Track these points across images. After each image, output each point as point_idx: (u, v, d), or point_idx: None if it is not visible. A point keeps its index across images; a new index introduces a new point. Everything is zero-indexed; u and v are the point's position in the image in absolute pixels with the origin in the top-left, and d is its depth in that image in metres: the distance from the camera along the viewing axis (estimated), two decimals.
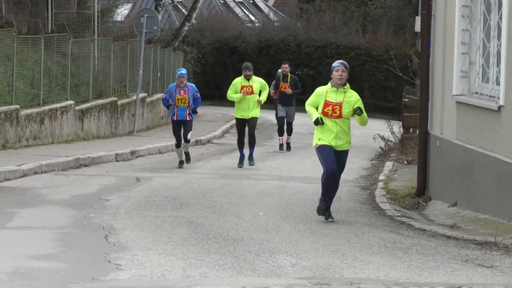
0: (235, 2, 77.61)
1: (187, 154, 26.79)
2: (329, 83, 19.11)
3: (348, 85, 19.46)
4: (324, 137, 18.62)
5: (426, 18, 21.72)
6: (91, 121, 39.25)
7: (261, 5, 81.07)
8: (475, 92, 19.90)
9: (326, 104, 18.27)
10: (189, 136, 25.29)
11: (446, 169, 20.96)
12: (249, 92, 26.21)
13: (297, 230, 17.32)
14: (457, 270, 13.53)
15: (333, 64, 19.21)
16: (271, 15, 78.30)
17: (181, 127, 25.65)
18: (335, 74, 18.60)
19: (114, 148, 33.14)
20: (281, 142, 31.25)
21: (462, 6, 20.23)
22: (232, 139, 42.99)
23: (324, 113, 18.34)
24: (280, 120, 31.40)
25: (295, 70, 43.53)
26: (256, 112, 26.77)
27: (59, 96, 36.86)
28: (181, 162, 26.80)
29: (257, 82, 26.33)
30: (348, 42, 59.80)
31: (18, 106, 32.59)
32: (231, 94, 27.37)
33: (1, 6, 46.99)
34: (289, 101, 31.44)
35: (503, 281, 12.57)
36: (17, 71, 33.71)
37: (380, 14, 63.82)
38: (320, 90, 18.99)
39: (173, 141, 37.67)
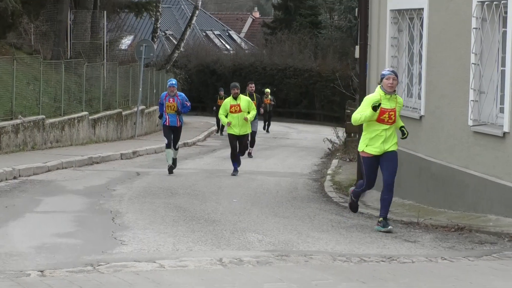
0: (214, 34, 77.43)
1: (174, 160, 25.01)
2: (377, 91, 15.93)
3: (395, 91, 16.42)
4: (372, 143, 15.68)
5: (363, 47, 21.70)
6: (101, 128, 39.16)
7: (235, 36, 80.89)
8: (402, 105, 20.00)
9: (382, 111, 15.30)
10: (177, 145, 23.91)
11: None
12: (237, 110, 24.44)
13: (263, 213, 17.32)
14: (388, 244, 13.60)
15: (383, 72, 16.23)
16: (243, 45, 78.13)
17: (172, 132, 24.19)
18: (385, 82, 15.60)
19: (119, 149, 33.05)
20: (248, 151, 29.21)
21: (391, 37, 20.28)
22: (212, 142, 42.89)
23: (380, 120, 15.45)
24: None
25: (261, 87, 43.15)
26: (246, 129, 24.97)
27: (76, 108, 36.77)
28: (170, 168, 24.70)
29: (244, 100, 24.72)
30: (303, 65, 59.70)
31: (44, 116, 32.46)
32: (222, 115, 25.17)
33: (31, 37, 46.86)
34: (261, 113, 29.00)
35: (424, 252, 12.65)
36: (43, 89, 33.56)
37: (328, 43, 63.78)
38: (372, 97, 15.73)
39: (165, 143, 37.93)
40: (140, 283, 9.45)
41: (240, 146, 24.95)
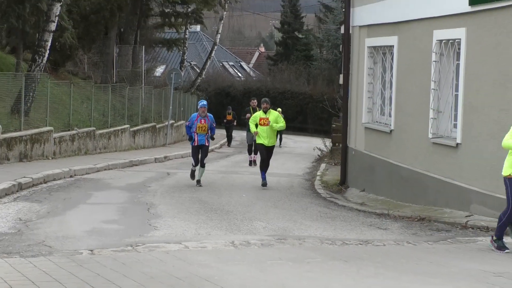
0: (228, 64, 77.38)
1: (198, 181, 20.63)
2: None
3: None
4: None
5: (346, 76, 21.66)
6: (139, 137, 39.13)
7: (245, 66, 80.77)
8: (376, 121, 19.93)
9: None
10: (205, 161, 20.61)
11: (358, 168, 20.94)
12: (266, 123, 20.85)
13: (266, 205, 17.27)
14: (365, 231, 13.58)
15: None
16: (251, 73, 78.05)
17: (199, 151, 20.70)
18: None
19: (154, 154, 33.00)
20: (250, 159, 26.63)
21: (368, 68, 20.25)
22: (226, 149, 42.77)
23: None
24: (250, 142, 26.76)
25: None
26: (273, 141, 21.74)
27: (120, 122, 36.72)
28: (198, 182, 20.55)
29: (273, 114, 21.37)
30: (298, 90, 59.50)
31: (94, 128, 32.47)
32: (252, 124, 21.35)
33: (85, 66, 46.96)
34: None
35: (393, 237, 12.64)
36: (94, 106, 33.55)
37: (318, 72, 63.68)
38: None
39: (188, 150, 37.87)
40: (169, 260, 9.45)
41: (267, 155, 21.28)
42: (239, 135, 44.46)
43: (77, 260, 9.35)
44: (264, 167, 21.36)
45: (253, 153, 25.87)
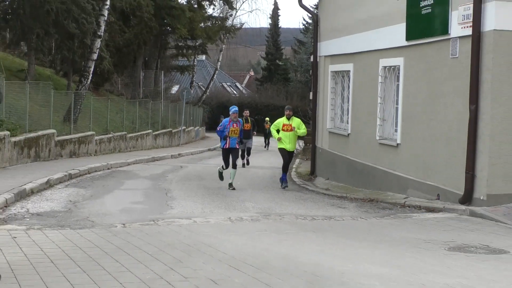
0: (226, 84, 77.23)
1: (231, 184, 17.13)
2: None
3: None
4: None
5: (314, 93, 21.60)
6: (159, 139, 39.11)
7: (239, 86, 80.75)
8: (337, 127, 19.91)
9: None
10: (236, 162, 17.69)
11: (323, 162, 20.92)
12: (289, 129, 17.62)
13: (255, 190, 17.24)
14: (329, 209, 13.54)
15: None
16: (244, 91, 77.94)
17: (229, 154, 17.57)
18: None
19: (170, 152, 32.93)
20: (242, 162, 24.37)
21: (331, 87, 20.21)
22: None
23: None
24: (241, 151, 23.47)
25: (254, 116, 42.57)
26: (294, 146, 18.58)
27: (145, 128, 36.72)
28: (230, 185, 17.06)
29: (296, 121, 17.98)
30: (279, 103, 58.33)
31: (126, 132, 32.42)
32: (273, 130, 18.26)
33: (118, 86, 46.97)
34: (248, 135, 24.62)
35: (349, 214, 12.58)
36: (125, 116, 33.51)
37: (294, 90, 63.38)
38: None
39: (199, 148, 37.81)
40: (182, 231, 9.48)
41: (289, 159, 18.29)
42: None
43: (113, 231, 9.39)
44: (286, 169, 18.41)
45: (246, 156, 24.81)
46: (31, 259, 7.16)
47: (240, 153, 21.42)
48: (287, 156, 17.99)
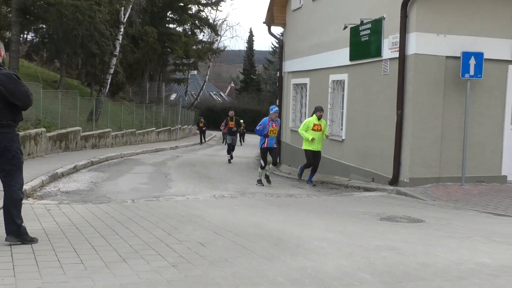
0: (213, 93, 77.00)
1: (268, 177, 14.42)
2: None
3: None
4: None
5: (280, 100, 21.62)
6: (161, 135, 38.95)
7: (222, 94, 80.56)
8: (297, 126, 19.94)
9: None
10: (277, 160, 14.14)
11: (287, 153, 20.96)
12: (319, 129, 13.86)
13: (234, 174, 17.21)
14: (290, 189, 13.56)
15: None
16: (226, 98, 77.77)
17: (267, 153, 14.26)
18: None
19: (169, 145, 32.85)
20: (228, 158, 21.87)
21: (292, 96, 20.26)
22: (211, 142, 42.58)
23: None
24: (228, 144, 22.30)
25: (254, 120, 41.80)
26: (321, 147, 14.20)
27: (150, 126, 36.55)
28: (259, 181, 14.11)
29: (324, 122, 14.18)
30: (254, 108, 58.20)
31: (135, 129, 32.25)
32: (303, 131, 14.17)
33: (130, 94, 46.67)
34: (234, 132, 22.65)
35: (306, 193, 12.61)
36: (135, 117, 33.36)
37: (264, 98, 63.06)
38: None
39: (192, 142, 37.72)
40: (177, 206, 9.44)
41: (316, 160, 14.21)
42: (219, 135, 44.23)
43: (124, 205, 9.33)
44: (315, 170, 14.30)
45: (231, 152, 22.15)
46: (61, 226, 7.13)
47: (228, 147, 21.07)
48: (315, 156, 14.04)
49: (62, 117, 22.16)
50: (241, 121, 40.23)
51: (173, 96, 61.99)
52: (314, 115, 13.82)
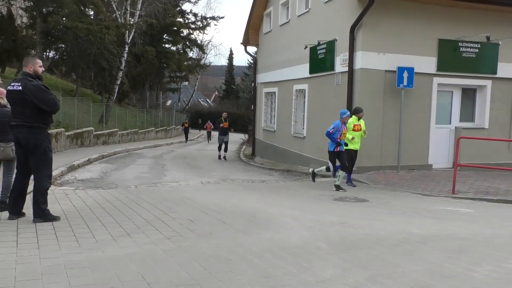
0: (201, 100, 76.57)
1: (338, 186, 10.23)
2: None
3: None
4: None
5: (254, 105, 21.66)
6: (159, 133, 38.56)
7: (209, 101, 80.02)
8: (268, 126, 19.96)
9: None
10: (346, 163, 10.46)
11: (260, 147, 20.96)
12: (359, 129, 10.85)
13: (217, 165, 17.12)
14: (262, 176, 13.54)
15: None
16: (212, 104, 77.28)
17: (338, 156, 10.56)
18: None
19: (165, 141, 32.55)
20: (219, 154, 19.53)
21: (264, 102, 20.27)
22: (200, 139, 42.30)
23: None
24: (220, 143, 19.49)
25: (216, 119, 41.85)
26: (359, 146, 11.15)
27: (149, 126, 36.19)
28: (338, 187, 10.17)
29: (362, 122, 11.09)
30: (234, 111, 58.37)
31: (138, 129, 31.91)
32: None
33: (133, 100, 46.05)
34: (226, 132, 19.56)
35: (275, 179, 12.62)
36: (137, 119, 32.93)
37: (242, 104, 62.53)
38: None
39: (184, 139, 37.40)
40: (172, 190, 9.35)
41: (353, 160, 11.05)
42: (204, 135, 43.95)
43: (129, 190, 9.22)
44: (350, 170, 10.93)
45: (222, 150, 19.69)
46: (77, 208, 7.02)
47: (224, 146, 19.52)
48: (353, 156, 10.96)
49: (78, 119, 21.90)
50: (220, 119, 39.83)
51: (168, 102, 61.54)
52: (353, 116, 10.91)
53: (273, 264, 4.38)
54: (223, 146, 19.73)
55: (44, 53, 29.56)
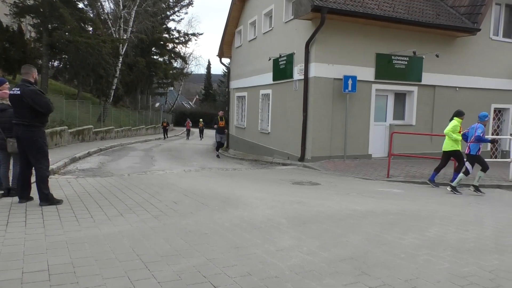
0: (184, 102, 75.51)
1: (477, 187, 7.82)
2: None
3: None
4: None
5: (228, 107, 21.51)
6: (148, 130, 37.67)
7: (191, 103, 78.83)
8: (240, 124, 19.89)
9: None
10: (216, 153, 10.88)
11: (233, 141, 20.83)
12: (460, 131, 8.22)
13: (198, 156, 16.99)
14: (235, 165, 13.48)
15: None
16: (194, 106, 76.21)
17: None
18: None
19: (154, 137, 31.96)
20: (217, 153, 16.68)
21: (236, 104, 20.19)
22: (184, 134, 41.67)
23: None
24: (217, 141, 16.73)
25: (198, 118, 41.16)
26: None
27: (141, 124, 35.49)
28: (477, 188, 7.77)
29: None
30: (211, 112, 57.57)
31: (130, 127, 31.15)
32: (450, 132, 8.14)
33: (127, 102, 45.03)
34: (222, 131, 16.80)
35: (244, 167, 12.60)
36: (130, 118, 32.25)
37: (219, 105, 62.29)
38: None
39: (170, 135, 36.82)
40: (159, 177, 9.18)
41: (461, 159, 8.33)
42: (197, 133, 43.34)
43: (123, 178, 9.01)
44: (438, 170, 8.71)
45: (219, 149, 17.31)
46: (78, 193, 6.84)
47: (217, 145, 16.83)
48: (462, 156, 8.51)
49: (79, 118, 21.35)
50: (201, 120, 39.39)
51: (157, 104, 60.36)
52: (456, 118, 8.41)
53: (242, 237, 4.38)
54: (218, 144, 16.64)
55: (50, 63, 28.64)
